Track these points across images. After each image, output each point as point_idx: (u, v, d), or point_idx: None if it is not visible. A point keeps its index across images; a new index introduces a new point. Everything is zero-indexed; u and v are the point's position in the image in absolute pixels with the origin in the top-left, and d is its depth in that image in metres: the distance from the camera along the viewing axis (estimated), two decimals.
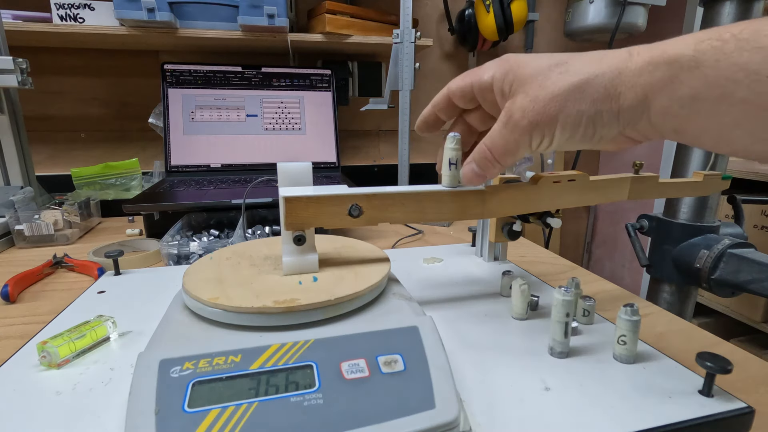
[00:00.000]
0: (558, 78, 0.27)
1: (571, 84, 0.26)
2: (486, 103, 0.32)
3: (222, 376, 0.24)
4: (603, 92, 0.26)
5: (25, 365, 0.31)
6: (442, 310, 0.39)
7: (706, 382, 0.28)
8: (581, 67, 0.26)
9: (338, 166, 1.02)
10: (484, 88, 0.31)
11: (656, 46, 0.25)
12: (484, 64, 0.31)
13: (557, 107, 0.27)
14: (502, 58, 0.30)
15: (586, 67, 0.26)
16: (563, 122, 0.27)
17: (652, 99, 0.25)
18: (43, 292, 0.52)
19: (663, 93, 0.24)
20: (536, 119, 0.27)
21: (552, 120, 0.27)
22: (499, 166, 0.31)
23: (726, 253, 0.67)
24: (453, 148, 0.35)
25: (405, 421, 0.23)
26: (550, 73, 0.27)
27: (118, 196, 0.96)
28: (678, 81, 0.23)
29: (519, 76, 0.28)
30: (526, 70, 0.28)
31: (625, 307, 0.31)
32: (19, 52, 0.76)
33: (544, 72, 0.27)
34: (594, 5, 1.26)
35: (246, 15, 0.98)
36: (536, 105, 0.27)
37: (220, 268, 0.34)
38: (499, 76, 0.29)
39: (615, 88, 0.25)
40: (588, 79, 0.26)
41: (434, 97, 0.35)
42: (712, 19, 0.71)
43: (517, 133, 0.28)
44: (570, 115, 0.27)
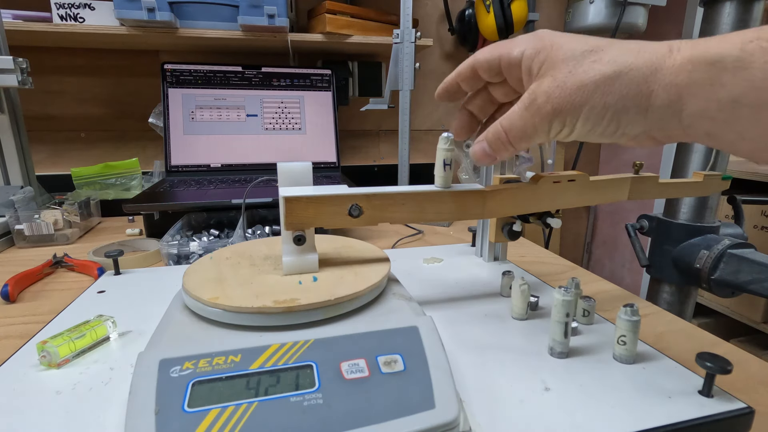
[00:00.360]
0: (589, 66, 0.25)
1: (603, 74, 0.25)
2: (512, 78, 0.30)
3: (222, 376, 0.24)
4: (635, 88, 0.24)
5: (25, 365, 0.31)
6: (442, 310, 0.39)
7: (705, 382, 0.28)
8: (616, 56, 0.25)
9: (338, 166, 1.02)
10: (512, 64, 0.29)
11: (699, 44, 0.23)
12: (515, 38, 0.29)
13: (584, 97, 0.25)
14: (536, 35, 0.28)
15: (621, 57, 0.25)
16: (587, 113, 0.26)
17: (688, 100, 0.23)
18: (43, 292, 0.52)
19: (701, 95, 0.23)
20: (560, 106, 0.26)
21: (576, 109, 0.26)
22: (512, 150, 0.30)
23: (726, 254, 0.67)
24: (447, 149, 0.35)
25: (405, 421, 0.23)
26: (582, 60, 0.26)
27: (118, 196, 0.96)
28: (719, 83, 0.22)
29: (550, 57, 0.27)
30: (558, 53, 0.26)
31: (625, 308, 0.31)
32: (19, 52, 0.76)
33: (577, 57, 0.26)
34: (594, 5, 1.26)
35: (246, 15, 0.98)
36: (562, 92, 0.26)
37: (220, 268, 0.34)
38: (529, 53, 0.28)
39: (648, 85, 0.24)
40: (621, 71, 0.24)
41: (458, 67, 0.33)
42: (713, 19, 0.71)
43: (537, 118, 0.27)
44: (596, 107, 0.25)
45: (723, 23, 0.70)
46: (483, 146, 0.31)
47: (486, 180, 0.49)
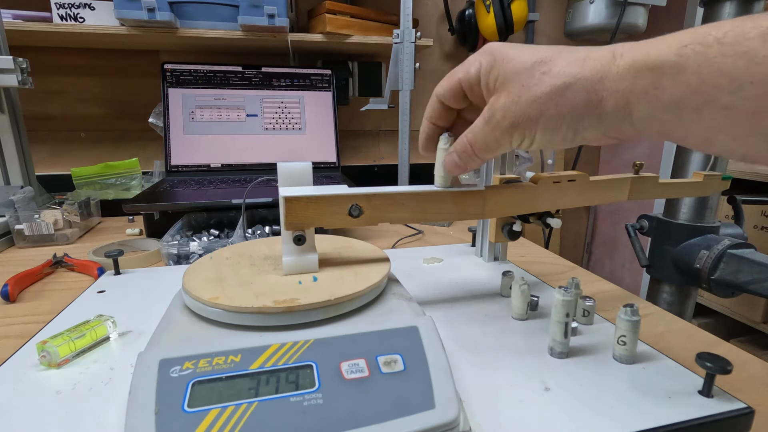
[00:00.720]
0: (540, 79, 0.26)
1: (553, 87, 0.26)
2: (475, 98, 0.31)
3: (222, 376, 0.24)
4: (585, 97, 0.25)
5: (25, 365, 0.31)
6: (442, 310, 0.39)
7: (705, 382, 0.28)
8: (564, 68, 0.26)
9: (338, 166, 1.02)
10: (472, 83, 0.30)
11: (639, 48, 0.24)
12: (468, 58, 0.31)
13: (538, 110, 0.26)
14: (486, 49, 0.29)
15: (569, 68, 0.26)
16: (544, 125, 0.27)
17: (635, 105, 0.24)
18: (43, 292, 0.52)
19: (645, 99, 0.24)
20: (517, 120, 0.27)
21: (533, 122, 0.27)
22: (479, 161, 0.31)
23: (726, 254, 0.67)
24: (446, 149, 0.35)
25: (405, 421, 0.23)
26: (533, 72, 0.27)
27: (118, 196, 0.96)
28: (661, 88, 0.23)
29: (503, 71, 0.28)
30: (509, 66, 0.27)
31: (625, 308, 0.31)
32: (19, 52, 0.76)
33: (528, 69, 0.27)
34: (594, 5, 1.26)
35: (246, 15, 0.98)
36: (518, 107, 0.27)
37: (220, 268, 0.34)
38: (485, 69, 0.29)
39: (596, 93, 0.25)
40: (569, 83, 0.25)
41: (426, 110, 0.34)
42: (713, 20, 0.71)
43: (498, 132, 0.28)
44: (550, 118, 0.26)
45: None
46: (453, 157, 0.33)
47: (486, 180, 0.49)
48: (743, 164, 1.36)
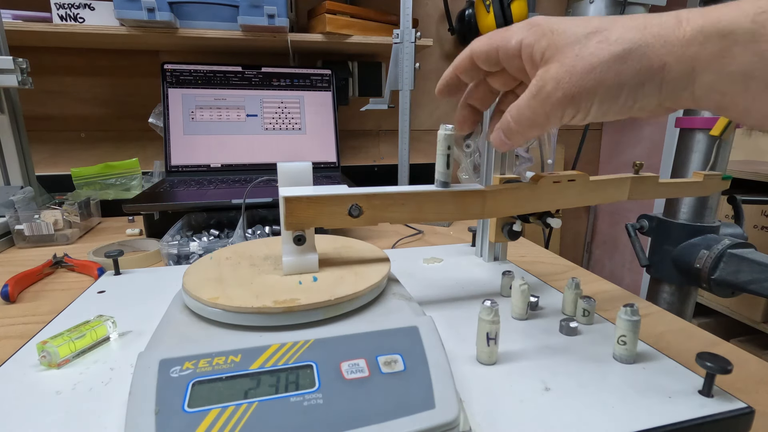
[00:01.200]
0: (597, 47, 0.25)
1: (612, 54, 0.24)
2: (512, 67, 0.30)
3: (222, 376, 0.24)
4: (647, 63, 0.24)
5: (25, 365, 0.31)
6: (442, 310, 0.39)
7: (706, 382, 0.28)
8: (622, 33, 0.24)
9: (338, 166, 1.02)
10: (510, 54, 0.28)
11: (710, 12, 0.22)
12: (510, 26, 0.29)
13: (596, 79, 0.25)
14: (531, 22, 0.28)
15: (628, 33, 0.24)
16: (602, 95, 0.25)
17: (700, 73, 0.23)
18: (43, 292, 0.52)
19: (712, 68, 0.22)
20: (572, 92, 0.25)
21: (590, 93, 0.25)
22: (524, 137, 0.29)
23: (726, 254, 0.67)
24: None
25: (405, 421, 0.23)
26: (588, 42, 0.25)
27: (118, 196, 0.96)
28: (730, 56, 0.21)
29: (553, 42, 0.26)
30: (560, 38, 0.26)
31: (625, 307, 0.31)
32: (19, 52, 0.76)
33: (581, 40, 0.25)
34: (594, 5, 1.26)
35: (246, 15, 0.98)
36: (572, 77, 0.25)
37: (220, 268, 0.34)
38: (529, 41, 0.27)
39: (660, 58, 0.23)
40: (630, 48, 0.24)
41: (455, 59, 0.33)
42: None
43: (548, 106, 0.27)
44: (610, 88, 0.25)
45: None
46: (499, 135, 0.31)
47: (486, 180, 0.49)
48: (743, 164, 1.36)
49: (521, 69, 0.29)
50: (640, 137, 1.63)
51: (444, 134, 0.34)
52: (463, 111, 0.36)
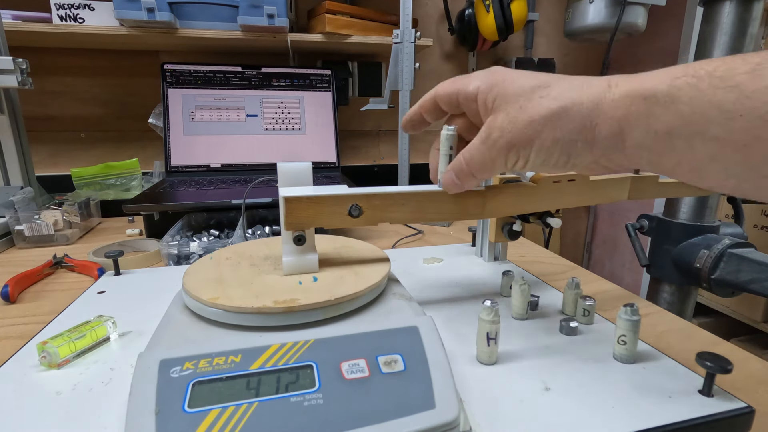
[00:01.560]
0: (538, 102, 0.27)
1: (550, 110, 0.26)
2: (470, 112, 0.32)
3: (222, 376, 0.24)
4: (579, 122, 0.26)
5: (25, 365, 0.31)
6: (442, 310, 0.39)
7: (706, 381, 0.28)
8: (562, 92, 0.27)
9: (338, 166, 1.02)
10: (468, 98, 0.31)
11: (634, 79, 0.25)
12: (472, 73, 0.31)
13: (534, 132, 0.27)
14: (490, 71, 0.30)
15: (567, 93, 0.26)
16: (538, 147, 0.27)
17: (628, 132, 0.25)
18: (43, 293, 0.52)
19: (638, 127, 0.24)
20: (513, 141, 0.28)
21: (528, 143, 0.27)
22: (475, 180, 0.32)
23: (726, 253, 0.67)
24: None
25: (405, 421, 0.23)
26: (532, 95, 0.27)
27: (118, 197, 0.96)
28: (653, 116, 0.23)
29: (503, 92, 0.28)
30: (510, 88, 0.28)
31: (625, 307, 0.31)
32: (19, 52, 0.76)
33: (527, 93, 0.27)
34: (594, 5, 1.26)
35: (246, 15, 0.98)
36: (514, 127, 0.28)
37: (220, 268, 0.34)
38: (484, 88, 0.30)
39: (591, 119, 0.26)
40: (566, 106, 0.26)
41: (422, 97, 0.35)
42: (712, 19, 0.71)
43: (494, 152, 0.29)
44: (546, 140, 0.27)
45: (723, 23, 0.70)
46: (451, 176, 0.33)
47: (486, 180, 0.49)
48: None
49: (477, 114, 0.31)
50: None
51: (447, 134, 0.34)
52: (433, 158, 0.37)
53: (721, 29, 0.70)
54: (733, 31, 0.69)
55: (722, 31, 0.70)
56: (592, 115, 0.26)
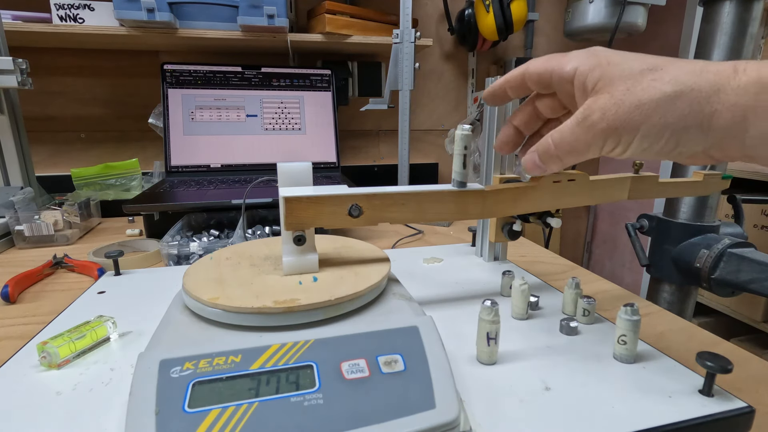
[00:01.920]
0: (649, 85, 0.25)
1: (663, 94, 0.24)
2: (562, 93, 0.30)
3: (222, 377, 0.24)
4: (696, 107, 0.24)
5: (26, 365, 0.31)
6: (442, 310, 0.39)
7: (706, 381, 0.28)
8: (677, 75, 0.25)
9: (338, 166, 1.02)
10: (563, 79, 0.29)
11: (765, 65, 0.23)
12: (569, 53, 0.29)
13: (642, 116, 0.25)
14: (591, 51, 0.28)
15: (683, 76, 0.24)
16: (645, 132, 0.25)
17: (752, 122, 0.23)
18: (43, 293, 0.52)
19: (766, 117, 0.22)
20: (616, 124, 0.26)
21: (633, 128, 0.25)
22: (561, 164, 0.30)
23: (726, 253, 0.67)
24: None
25: (405, 421, 0.23)
26: (641, 78, 0.25)
27: (118, 197, 0.96)
28: None
29: (607, 74, 0.26)
30: (615, 70, 0.26)
31: (625, 307, 0.31)
32: (19, 53, 0.76)
33: (635, 76, 0.26)
34: (594, 5, 1.26)
35: (246, 15, 0.98)
36: (620, 109, 0.25)
37: (220, 269, 0.34)
38: (584, 69, 0.27)
39: (711, 105, 0.24)
40: (682, 90, 0.24)
41: (509, 72, 0.33)
42: (712, 19, 0.71)
43: (590, 134, 0.27)
44: (655, 126, 0.25)
45: (723, 22, 0.70)
46: (534, 157, 0.31)
47: (486, 180, 0.49)
48: (743, 164, 1.36)
49: (571, 96, 0.29)
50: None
51: (461, 134, 0.34)
52: (507, 131, 0.36)
53: (721, 29, 0.70)
54: (733, 31, 0.69)
55: (722, 31, 0.70)
56: (712, 100, 0.24)
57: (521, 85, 0.32)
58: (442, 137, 1.50)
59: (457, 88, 1.49)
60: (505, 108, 0.47)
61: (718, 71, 0.24)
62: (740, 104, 0.23)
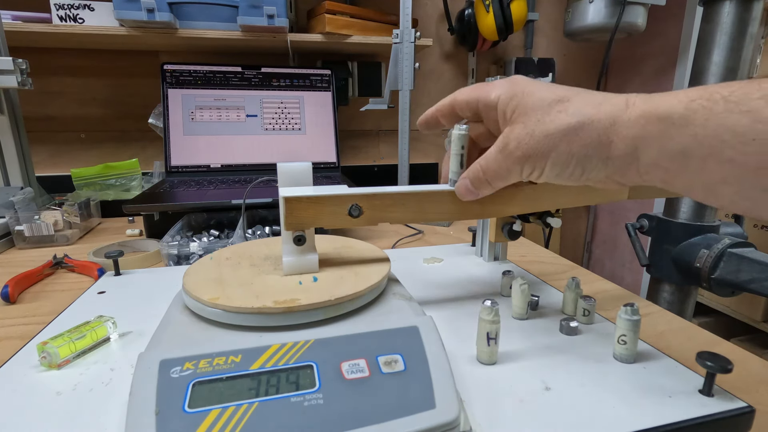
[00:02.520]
0: (556, 116, 0.27)
1: (567, 125, 0.27)
2: (489, 120, 0.32)
3: (222, 377, 0.24)
4: (596, 138, 0.26)
5: (26, 366, 0.31)
6: (442, 310, 0.39)
7: (706, 381, 0.28)
8: (580, 108, 0.27)
9: (338, 166, 1.02)
10: (488, 107, 0.31)
11: (651, 99, 0.25)
12: (494, 82, 0.32)
13: (550, 145, 0.27)
14: (511, 80, 0.31)
15: (585, 108, 0.27)
16: (554, 160, 0.28)
17: (642, 151, 0.25)
18: (43, 293, 0.52)
19: (653, 146, 0.25)
20: (529, 153, 0.28)
21: (543, 156, 0.28)
22: (490, 188, 0.32)
23: (726, 253, 0.67)
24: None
25: (405, 421, 0.23)
26: (550, 109, 0.28)
27: (118, 197, 0.96)
28: (668, 136, 0.24)
29: (522, 104, 0.29)
30: (529, 100, 0.29)
31: (625, 307, 0.31)
32: (19, 53, 0.76)
33: (545, 107, 0.28)
34: (594, 5, 1.26)
35: (246, 15, 0.98)
36: (531, 139, 0.28)
37: (220, 269, 0.34)
38: (504, 98, 0.30)
39: (608, 136, 0.26)
40: (583, 122, 0.26)
41: (441, 99, 0.35)
42: (712, 19, 0.71)
43: (509, 162, 0.29)
44: (561, 154, 0.27)
45: (723, 22, 0.70)
46: (466, 183, 0.33)
47: None
48: None
49: (496, 123, 0.31)
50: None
51: (458, 134, 0.34)
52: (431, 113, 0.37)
53: (721, 29, 0.70)
54: (733, 30, 0.69)
55: (722, 31, 0.70)
56: (609, 131, 0.26)
57: (451, 113, 0.35)
58: (442, 137, 1.50)
59: (457, 88, 1.48)
60: None
61: (614, 104, 0.26)
62: (631, 135, 0.25)
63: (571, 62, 1.62)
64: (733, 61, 0.72)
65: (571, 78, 1.63)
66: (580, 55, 1.63)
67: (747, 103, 0.21)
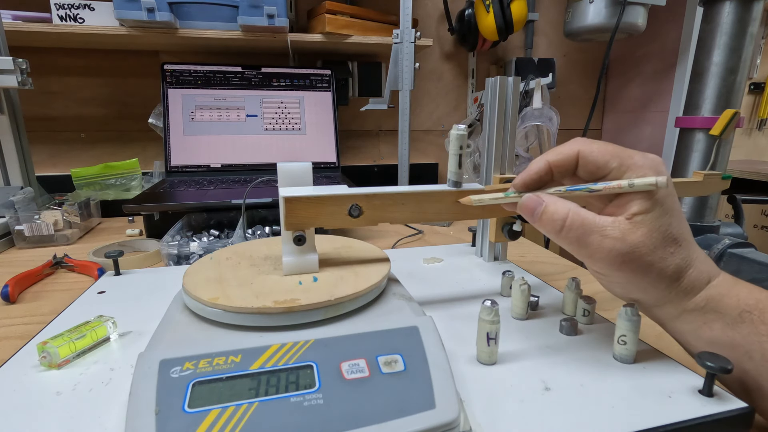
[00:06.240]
0: (669, 255, 0.29)
1: (675, 266, 0.29)
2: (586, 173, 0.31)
3: (222, 377, 0.24)
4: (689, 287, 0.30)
5: (26, 365, 0.31)
6: (442, 310, 0.39)
7: (706, 381, 0.28)
8: (698, 273, 0.30)
9: (338, 166, 1.02)
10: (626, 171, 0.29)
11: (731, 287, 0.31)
12: (646, 155, 0.30)
13: (642, 273, 0.29)
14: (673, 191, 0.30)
15: (703, 265, 0.31)
16: (636, 284, 0.30)
17: None
18: (43, 293, 0.52)
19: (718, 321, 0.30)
20: (622, 260, 0.28)
21: (629, 277, 0.29)
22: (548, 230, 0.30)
23: (726, 253, 0.67)
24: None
25: (405, 422, 0.23)
26: (667, 246, 0.29)
27: (118, 197, 0.96)
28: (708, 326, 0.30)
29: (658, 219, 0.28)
30: (673, 227, 0.29)
31: (625, 307, 0.31)
32: (19, 52, 0.76)
33: (668, 242, 0.29)
34: (594, 5, 1.26)
35: (246, 15, 0.98)
36: (641, 257, 0.28)
37: (220, 269, 0.34)
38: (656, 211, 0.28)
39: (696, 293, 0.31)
40: (683, 268, 0.30)
41: (550, 153, 0.32)
42: (712, 19, 0.71)
43: (602, 251, 0.29)
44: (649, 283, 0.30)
45: (723, 23, 0.70)
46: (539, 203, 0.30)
47: (486, 180, 0.49)
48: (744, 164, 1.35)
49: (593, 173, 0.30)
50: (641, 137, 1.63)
51: (456, 134, 0.34)
52: (538, 166, 0.33)
53: (721, 29, 0.70)
54: (733, 31, 0.69)
55: (722, 31, 0.70)
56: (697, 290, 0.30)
57: (565, 167, 0.31)
58: (442, 137, 1.50)
59: (457, 88, 1.49)
60: (504, 108, 0.47)
61: (703, 270, 0.31)
62: (688, 308, 0.31)
63: (571, 62, 1.62)
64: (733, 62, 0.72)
65: (571, 78, 1.63)
66: (580, 55, 1.63)
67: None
